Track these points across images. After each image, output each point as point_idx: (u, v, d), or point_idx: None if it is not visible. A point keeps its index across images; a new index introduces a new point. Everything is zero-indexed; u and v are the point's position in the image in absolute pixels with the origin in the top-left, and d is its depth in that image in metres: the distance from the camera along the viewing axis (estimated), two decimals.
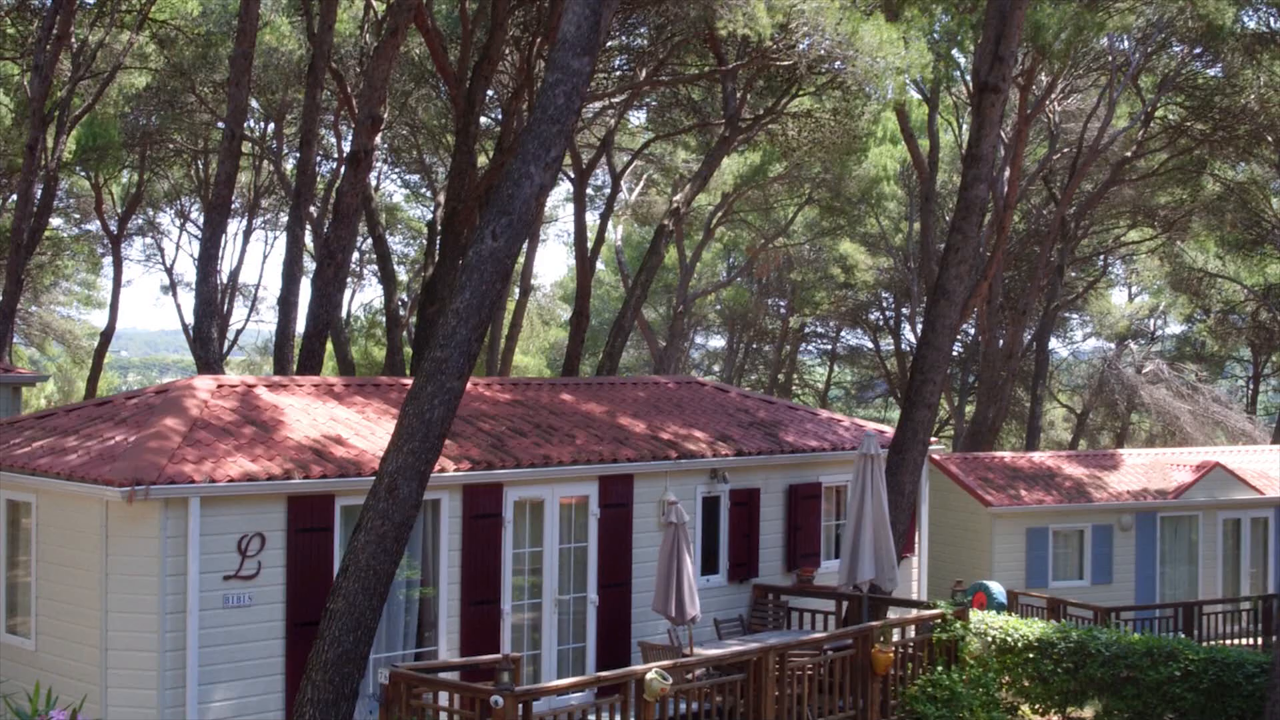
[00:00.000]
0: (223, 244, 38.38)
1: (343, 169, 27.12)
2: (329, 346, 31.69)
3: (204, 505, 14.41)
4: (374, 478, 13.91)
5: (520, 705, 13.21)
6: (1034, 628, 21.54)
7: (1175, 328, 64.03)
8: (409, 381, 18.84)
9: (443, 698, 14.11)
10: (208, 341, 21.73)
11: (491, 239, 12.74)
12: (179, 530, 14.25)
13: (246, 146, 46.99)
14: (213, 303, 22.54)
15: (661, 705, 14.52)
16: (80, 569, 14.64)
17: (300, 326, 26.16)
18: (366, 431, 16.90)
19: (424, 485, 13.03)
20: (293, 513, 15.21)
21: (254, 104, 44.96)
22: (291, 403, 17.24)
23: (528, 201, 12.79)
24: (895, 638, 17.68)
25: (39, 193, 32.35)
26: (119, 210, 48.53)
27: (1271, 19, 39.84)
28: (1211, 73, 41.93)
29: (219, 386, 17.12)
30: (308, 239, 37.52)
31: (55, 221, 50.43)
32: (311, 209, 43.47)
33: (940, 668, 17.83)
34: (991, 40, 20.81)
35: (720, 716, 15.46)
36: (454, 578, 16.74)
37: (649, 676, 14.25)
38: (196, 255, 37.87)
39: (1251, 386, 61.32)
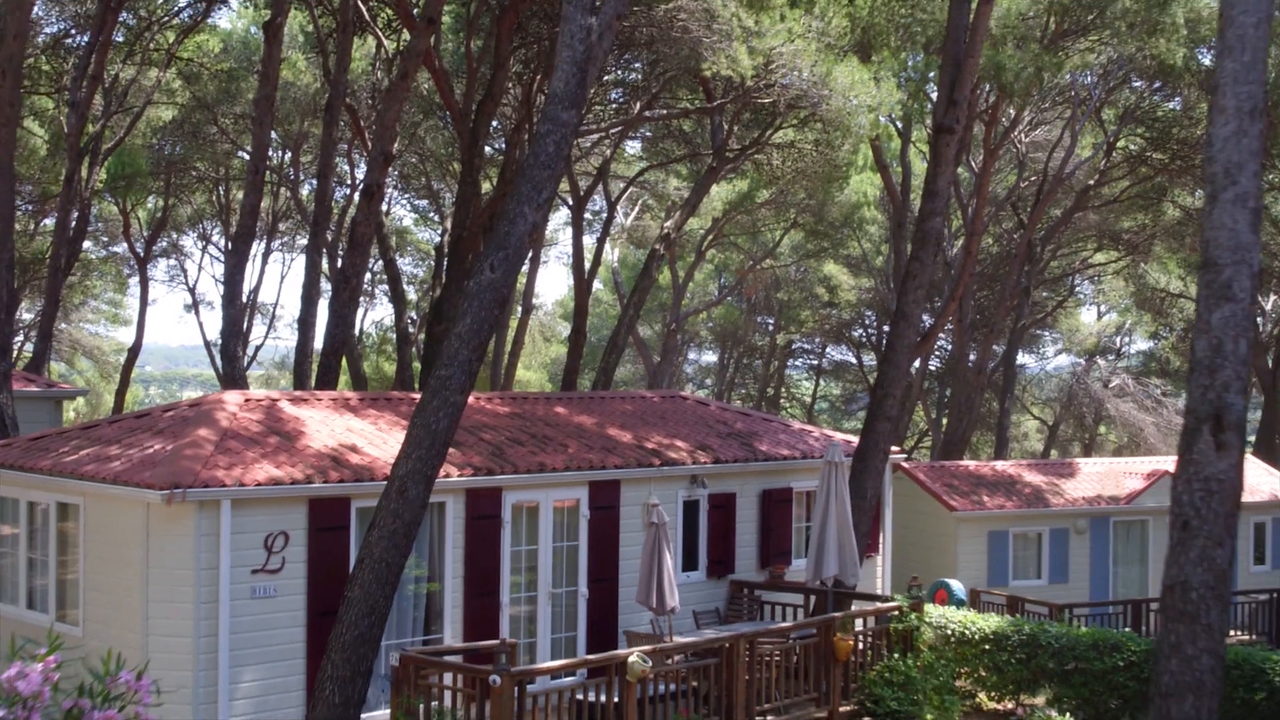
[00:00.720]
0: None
1: (356, 198, 27.92)
2: (343, 362, 32.57)
3: (234, 507, 15.10)
4: (386, 482, 14.73)
5: (516, 684, 13.99)
6: (990, 622, 22.13)
7: (1141, 344, 64.06)
8: (418, 396, 19.69)
9: (447, 678, 14.73)
10: (233, 359, 22.61)
11: (490, 270, 13.76)
12: (212, 529, 14.93)
13: (266, 175, 47.94)
14: (239, 323, 23.36)
15: (642, 685, 15.10)
16: (124, 564, 15.32)
17: (317, 344, 27.06)
18: (379, 441, 17.62)
19: (430, 487, 13.95)
20: (313, 513, 15.89)
21: (272, 134, 45.77)
22: (311, 415, 18.03)
23: (522, 238, 13.81)
24: (858, 627, 18.25)
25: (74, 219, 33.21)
26: (145, 234, 48.99)
27: None
28: (1170, 106, 42.23)
29: (246, 400, 17.94)
30: (325, 264, 38.31)
31: (85, 244, 51.23)
32: (327, 234, 44.36)
33: (897, 655, 18.32)
34: (947, 86, 21.68)
35: (695, 697, 16.08)
36: (458, 573, 17.31)
37: (631, 659, 14.85)
38: (222, 278, 38.53)
39: None
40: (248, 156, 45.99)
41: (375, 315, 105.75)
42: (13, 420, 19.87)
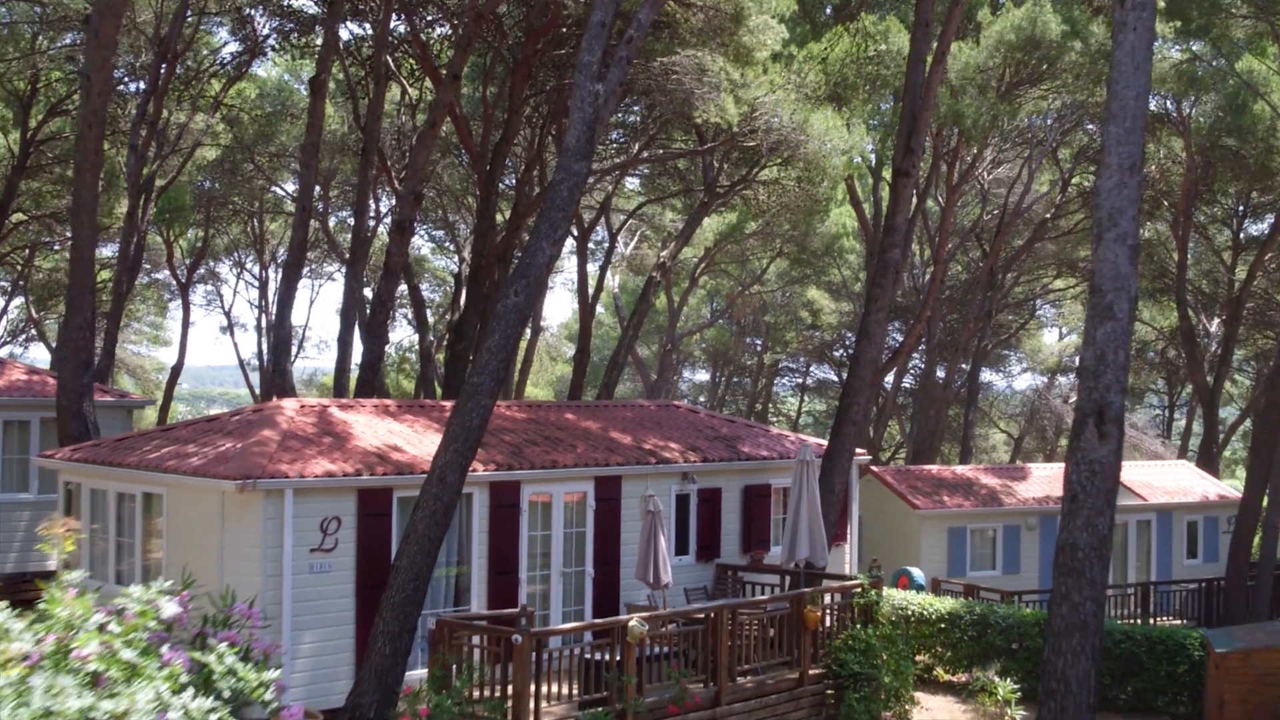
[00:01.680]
0: (275, 292, 40.58)
1: (384, 230, 29.52)
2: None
3: (295, 495, 16.74)
4: (423, 475, 16.45)
5: (535, 643, 15.77)
6: (945, 604, 23.82)
7: None
8: (446, 404, 21.54)
9: (475, 639, 16.24)
10: (284, 373, 24.42)
11: (514, 295, 15.65)
12: (276, 514, 16.52)
13: (295, 205, 49.51)
14: (287, 343, 25.04)
15: (641, 647, 16.54)
16: (201, 545, 16.90)
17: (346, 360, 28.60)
18: (416, 441, 19.33)
19: (464, 475, 15.77)
20: (361, 502, 17.54)
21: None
22: (357, 419, 19.82)
23: (540, 268, 15.73)
24: (825, 602, 19.57)
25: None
26: (186, 262, 50.31)
27: (1168, 102, 42.28)
28: None
29: (301, 407, 19.73)
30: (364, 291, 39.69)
31: None
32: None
33: (859, 626, 19.67)
34: (904, 135, 23.49)
35: (685, 658, 17.59)
36: (483, 554, 18.95)
37: (631, 624, 16.32)
38: (256, 302, 39.97)
39: (1167, 414, 62.51)
40: (282, 192, 47.90)
41: (395, 337, 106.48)
42: (94, 425, 21.71)
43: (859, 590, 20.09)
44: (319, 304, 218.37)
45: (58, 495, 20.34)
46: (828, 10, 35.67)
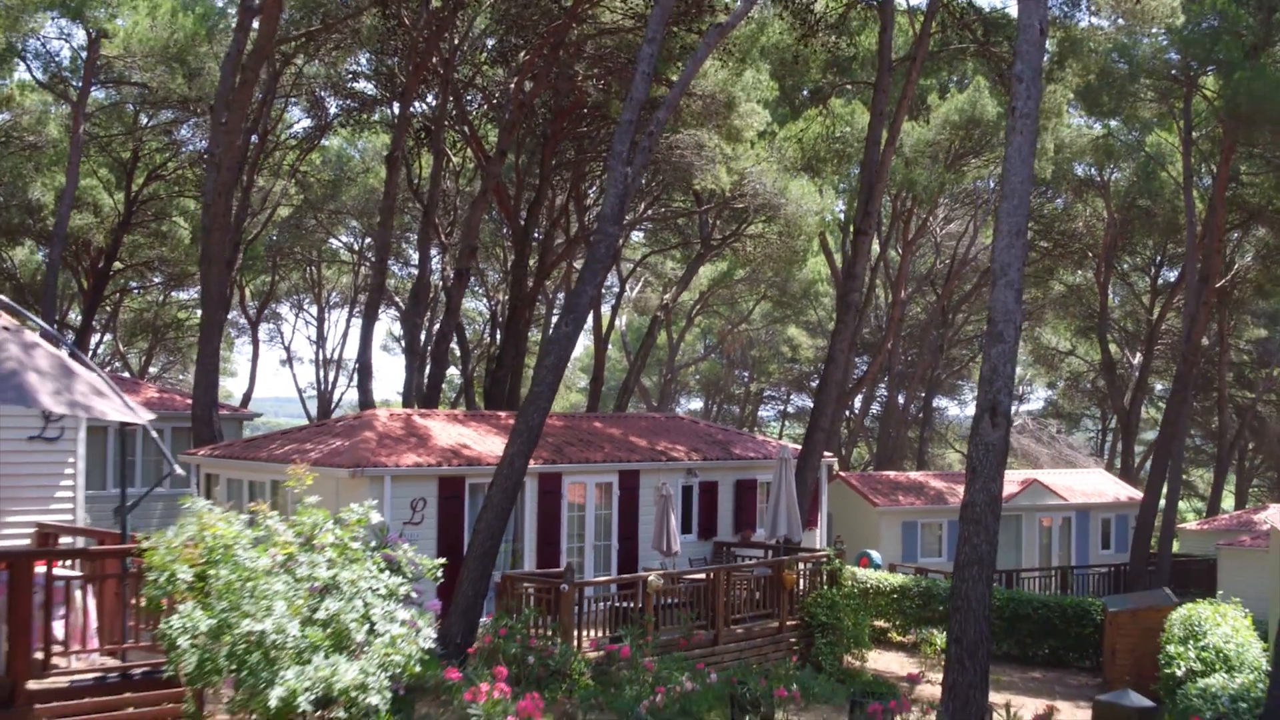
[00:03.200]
0: (329, 328, 43.16)
1: (451, 279, 32.08)
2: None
3: (393, 480, 19.73)
4: (488, 467, 19.48)
5: (577, 591, 18.81)
6: (897, 579, 26.82)
7: (1041, 392, 68.12)
8: (501, 414, 24.77)
9: (530, 588, 18.87)
10: (366, 391, 27.62)
11: (565, 326, 18.83)
12: (379, 495, 19.35)
13: (348, 255, 52.57)
14: (368, 368, 27.62)
15: (658, 596, 19.36)
16: None
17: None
18: (480, 442, 22.43)
19: (527, 462, 18.63)
20: (441, 487, 20.50)
21: (355, 223, 50.10)
22: (434, 424, 23.03)
23: (585, 305, 18.96)
24: (800, 568, 22.27)
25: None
26: (254, 303, 53.18)
27: (1091, 170, 45.53)
28: (1054, 205, 46.24)
29: (391, 415, 22.97)
30: (397, 328, 42.34)
31: (201, 312, 55.40)
32: (398, 299, 48.90)
33: (826, 587, 22.36)
34: (863, 201, 26.64)
35: (691, 608, 20.23)
36: (533, 528, 21.90)
37: (650, 578, 19.25)
38: (314, 338, 42.72)
39: (1101, 436, 65.31)
40: (338, 243, 50.88)
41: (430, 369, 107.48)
42: (219, 432, 25.05)
43: (826, 560, 22.79)
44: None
45: (190, 489, 23.36)
46: (804, 93, 38.46)
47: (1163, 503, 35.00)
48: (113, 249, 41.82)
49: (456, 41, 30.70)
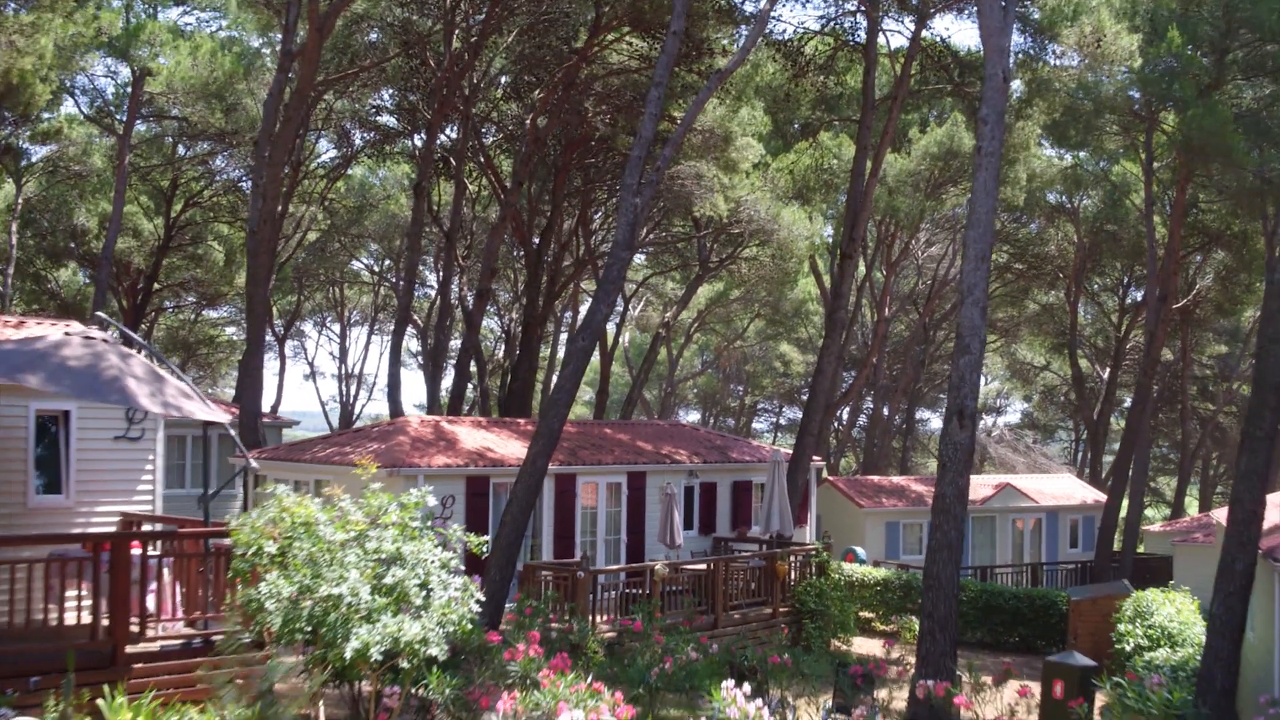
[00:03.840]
0: (348, 344, 43.61)
1: (473, 299, 33.33)
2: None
3: (426, 479, 20.97)
4: (511, 468, 20.80)
5: (591, 578, 20.18)
6: (880, 573, 28.05)
7: (1018, 405, 69.23)
8: (521, 421, 26.08)
9: (549, 575, 20.27)
10: (397, 401, 28.95)
11: (581, 340, 20.25)
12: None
13: (369, 276, 53.77)
14: (398, 380, 29.07)
15: (664, 583, 20.68)
16: None
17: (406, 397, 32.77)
18: (502, 446, 23.81)
19: (548, 461, 19.85)
20: (468, 485, 21.86)
21: (375, 246, 51.27)
22: (459, 430, 24.43)
23: (599, 323, 20.37)
24: (791, 560, 23.37)
25: None
26: (282, 321, 54.26)
27: (1062, 197, 46.72)
28: (1028, 229, 47.19)
29: (421, 421, 24.39)
30: (415, 343, 43.29)
31: (230, 329, 56.89)
32: (416, 318, 50.02)
33: (815, 577, 23.52)
34: (848, 228, 28.06)
35: (693, 595, 21.43)
36: (550, 523, 23.21)
37: (657, 566, 20.59)
38: (336, 354, 43.73)
39: (1075, 446, 65.95)
40: (359, 265, 52.04)
41: (446, 381, 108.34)
42: (264, 438, 26.47)
43: (815, 553, 24.10)
44: (385, 356, 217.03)
45: (236, 490, 24.63)
46: (795, 127, 39.75)
47: (1126, 505, 36.24)
48: (153, 270, 43.12)
49: (476, 80, 32.05)
